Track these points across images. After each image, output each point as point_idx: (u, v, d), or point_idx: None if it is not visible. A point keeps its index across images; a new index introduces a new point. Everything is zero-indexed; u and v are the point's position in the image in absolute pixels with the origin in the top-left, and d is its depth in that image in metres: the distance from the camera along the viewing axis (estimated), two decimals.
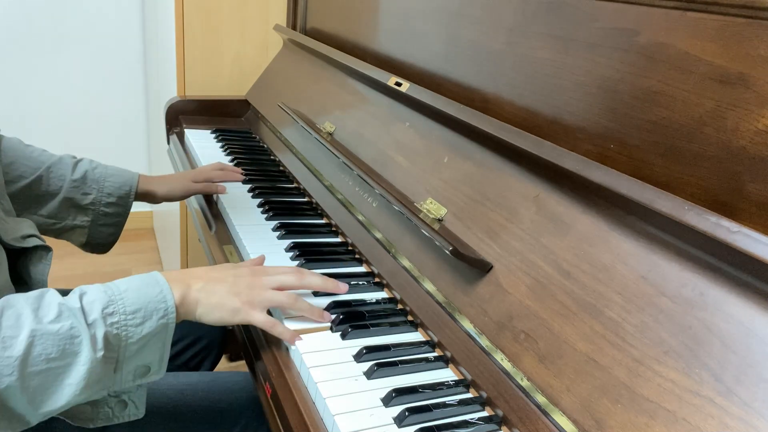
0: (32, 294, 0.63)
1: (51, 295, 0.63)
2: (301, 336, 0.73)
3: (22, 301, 0.61)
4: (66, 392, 0.61)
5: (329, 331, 0.75)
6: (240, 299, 0.72)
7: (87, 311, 0.62)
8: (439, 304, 0.78)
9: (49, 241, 0.84)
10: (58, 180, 1.04)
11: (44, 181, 1.03)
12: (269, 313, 0.75)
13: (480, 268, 0.74)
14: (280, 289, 0.76)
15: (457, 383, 0.69)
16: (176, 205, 1.84)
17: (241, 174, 1.22)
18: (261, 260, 0.85)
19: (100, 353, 0.61)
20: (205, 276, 0.73)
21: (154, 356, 0.67)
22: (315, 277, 0.79)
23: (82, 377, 0.61)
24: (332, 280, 0.81)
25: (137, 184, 1.11)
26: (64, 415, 0.68)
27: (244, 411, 0.90)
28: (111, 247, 1.12)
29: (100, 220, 1.08)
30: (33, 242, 0.77)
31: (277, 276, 0.77)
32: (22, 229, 0.78)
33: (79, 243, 1.08)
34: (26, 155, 1.03)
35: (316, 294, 0.82)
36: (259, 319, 0.72)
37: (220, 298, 0.72)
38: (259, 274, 0.76)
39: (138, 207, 1.15)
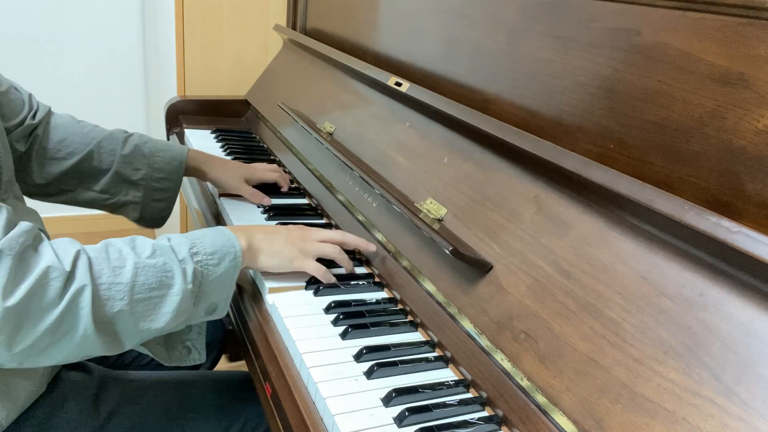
0: (125, 238, 0.71)
1: (142, 238, 0.72)
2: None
3: (119, 241, 0.70)
4: (162, 319, 0.69)
5: (330, 328, 0.75)
6: (296, 248, 0.83)
7: (177, 250, 0.71)
8: (439, 304, 0.78)
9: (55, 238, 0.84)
10: (109, 155, 1.05)
11: (95, 156, 1.04)
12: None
13: (480, 268, 0.74)
14: (325, 241, 0.86)
15: (457, 383, 0.69)
16: (176, 205, 1.83)
17: (290, 193, 1.20)
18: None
19: (189, 286, 0.70)
20: (264, 229, 0.84)
21: (222, 295, 0.76)
22: (352, 236, 0.91)
23: (176, 306, 0.69)
24: (362, 239, 0.92)
25: (186, 160, 1.11)
26: (149, 349, 0.77)
27: (244, 410, 0.90)
28: (164, 221, 1.13)
29: (152, 195, 1.08)
30: None
31: (323, 231, 0.89)
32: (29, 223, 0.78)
33: (133, 218, 1.10)
34: (77, 131, 1.04)
35: (316, 294, 0.83)
36: (312, 266, 0.83)
37: (279, 246, 0.82)
38: (307, 229, 0.87)
39: None
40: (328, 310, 0.79)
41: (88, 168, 1.04)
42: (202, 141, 1.46)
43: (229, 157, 1.35)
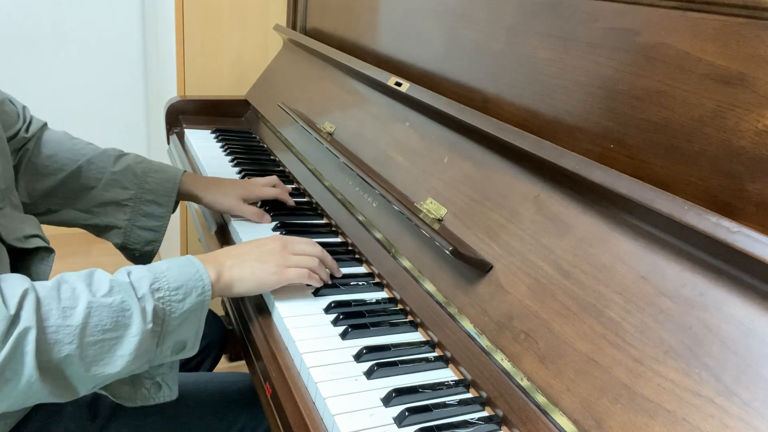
0: (82, 272, 0.66)
1: (100, 273, 0.67)
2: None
3: (74, 277, 0.65)
4: (118, 363, 0.64)
5: (330, 328, 0.75)
6: (271, 264, 0.78)
7: (136, 286, 0.66)
8: (439, 304, 0.78)
9: (53, 241, 0.84)
10: (98, 172, 1.00)
11: (84, 173, 0.99)
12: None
13: (480, 268, 0.74)
14: (301, 254, 0.82)
15: (457, 383, 0.69)
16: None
17: (290, 193, 1.13)
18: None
19: (149, 325, 0.65)
20: (230, 253, 0.78)
21: (190, 332, 0.71)
22: (328, 257, 0.86)
23: (134, 348, 0.64)
24: (335, 264, 0.88)
25: (180, 183, 1.05)
26: (108, 392, 0.71)
27: (244, 411, 0.90)
28: (150, 258, 1.06)
29: (138, 221, 1.02)
30: (35, 243, 0.77)
31: (299, 244, 0.83)
32: (25, 229, 0.77)
33: (116, 244, 1.04)
34: (68, 147, 1.00)
35: (316, 294, 0.83)
36: (292, 275, 0.79)
37: (252, 267, 0.77)
38: (279, 240, 0.82)
39: None
40: (328, 310, 0.79)
41: (75, 185, 0.99)
42: (202, 141, 1.46)
43: (228, 158, 1.35)
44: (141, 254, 1.05)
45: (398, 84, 1.04)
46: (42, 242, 0.78)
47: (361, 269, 0.93)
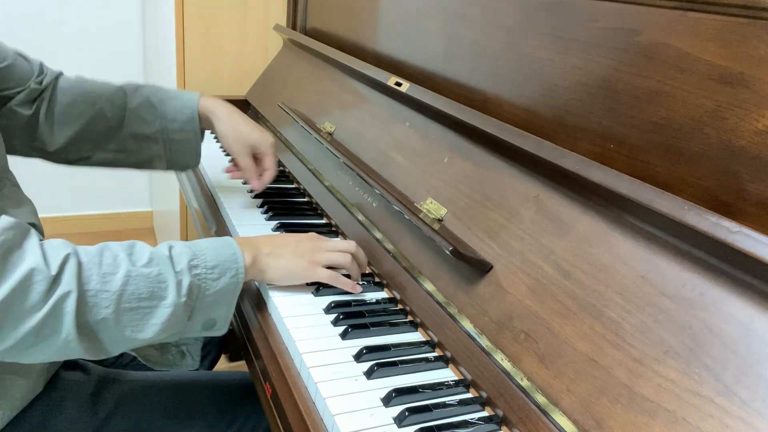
0: (125, 243, 0.69)
1: (142, 244, 0.70)
2: (359, 285, 0.84)
3: (117, 246, 0.68)
4: (150, 330, 0.67)
5: (330, 328, 0.75)
6: (305, 260, 0.81)
7: (175, 261, 0.69)
8: (439, 304, 0.78)
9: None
10: (119, 111, 1.00)
11: (105, 114, 1.00)
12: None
13: (480, 268, 0.74)
14: (334, 250, 0.84)
15: (457, 383, 0.69)
16: (176, 205, 1.84)
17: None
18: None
19: (183, 299, 0.68)
20: (270, 242, 0.81)
21: (221, 311, 0.73)
22: (362, 253, 0.88)
23: (166, 318, 0.67)
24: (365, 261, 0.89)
25: (198, 109, 1.04)
26: (137, 353, 0.75)
27: (243, 410, 0.90)
28: (196, 164, 1.09)
29: (173, 146, 1.04)
30: None
31: (334, 241, 0.86)
32: (23, 216, 0.77)
33: (162, 168, 1.06)
34: (84, 91, 1.00)
35: (316, 293, 0.83)
36: (323, 274, 0.81)
37: (287, 261, 0.80)
38: (316, 240, 0.85)
39: (138, 206, 1.13)
40: (328, 310, 0.79)
41: (100, 128, 1.00)
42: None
43: (228, 158, 1.35)
44: (186, 165, 1.08)
45: (398, 84, 1.04)
46: (36, 233, 0.78)
47: None
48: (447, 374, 0.71)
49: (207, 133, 1.51)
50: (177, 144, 1.04)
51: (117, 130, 1.01)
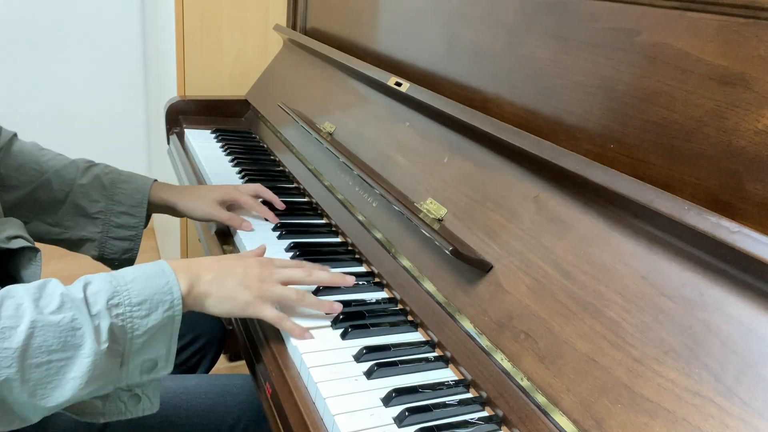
0: (34, 284, 0.61)
1: (53, 286, 0.61)
2: (311, 333, 0.73)
3: (22, 291, 0.59)
4: (69, 386, 0.59)
5: (330, 329, 0.75)
6: (251, 293, 0.72)
7: (91, 302, 0.61)
8: (439, 304, 0.78)
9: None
10: (66, 185, 0.97)
11: (52, 185, 0.96)
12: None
13: (480, 268, 0.74)
14: (288, 283, 0.76)
15: (457, 383, 0.69)
16: None
17: (279, 206, 1.07)
18: (262, 251, 0.85)
19: (105, 345, 0.60)
20: (214, 267, 0.72)
21: (160, 350, 0.66)
22: (323, 273, 0.80)
23: (87, 370, 0.59)
24: (338, 273, 0.81)
25: (150, 192, 1.00)
26: (71, 411, 0.66)
27: (244, 413, 0.90)
28: (131, 262, 1.02)
29: (111, 233, 0.98)
30: (18, 243, 0.74)
31: (286, 270, 0.77)
32: (6, 230, 0.75)
33: (93, 256, 1.00)
34: (36, 159, 0.97)
35: (316, 294, 0.82)
36: (269, 313, 0.72)
37: (230, 290, 0.71)
38: (268, 267, 0.75)
39: None
40: None
41: (43, 198, 0.95)
42: (202, 141, 1.46)
43: (228, 158, 1.35)
44: (120, 262, 1.02)
45: (398, 84, 1.04)
46: (26, 242, 0.75)
47: (361, 269, 0.93)
48: (447, 374, 0.71)
49: (208, 132, 1.52)
50: (117, 228, 0.99)
51: (60, 204, 0.96)
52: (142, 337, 0.63)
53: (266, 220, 1.04)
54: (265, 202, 1.08)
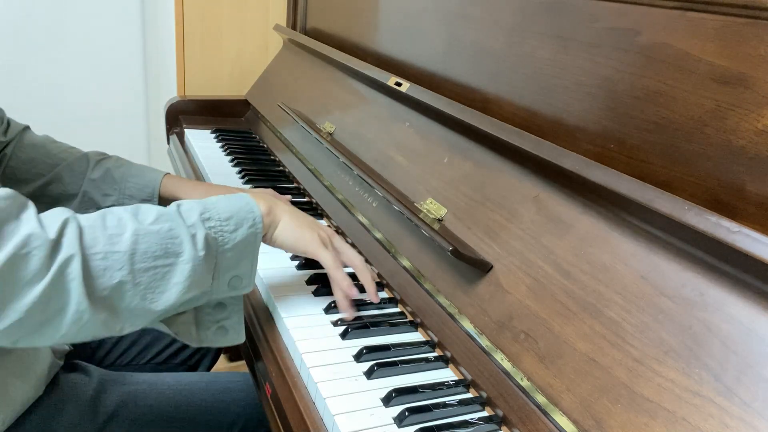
0: (128, 206, 0.65)
1: (147, 205, 0.66)
2: (355, 287, 0.78)
3: (120, 209, 0.64)
4: (174, 290, 0.63)
5: (330, 329, 0.75)
6: (319, 235, 0.78)
7: (185, 216, 0.65)
8: (439, 304, 0.78)
9: None
10: (78, 179, 0.97)
11: (64, 179, 0.96)
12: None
13: (480, 268, 0.74)
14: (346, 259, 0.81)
15: (457, 383, 0.69)
16: None
17: (290, 193, 1.08)
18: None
19: (202, 252, 0.64)
20: (288, 205, 0.79)
21: (245, 266, 0.70)
22: (369, 274, 0.82)
23: (187, 275, 0.63)
24: (374, 286, 0.81)
25: (160, 186, 1.00)
26: (173, 330, 0.70)
27: (244, 412, 0.90)
28: None
29: None
30: None
31: (349, 249, 0.83)
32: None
33: None
34: (48, 152, 0.97)
35: (316, 294, 0.82)
36: (328, 255, 0.78)
37: (302, 224, 0.77)
38: (331, 229, 0.82)
39: None
40: (328, 310, 0.79)
41: (56, 191, 0.96)
42: (202, 141, 1.46)
43: (228, 158, 1.35)
44: None
45: (398, 84, 1.04)
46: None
47: None
48: (447, 374, 0.71)
49: (208, 132, 1.52)
50: None
51: (72, 198, 0.97)
52: (232, 251, 0.68)
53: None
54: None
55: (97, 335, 0.61)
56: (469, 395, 0.68)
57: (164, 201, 1.02)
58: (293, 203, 1.12)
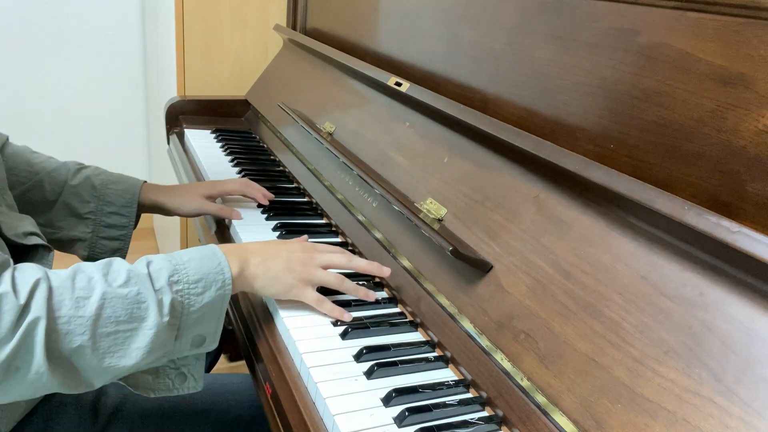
0: (100, 262, 0.66)
1: (119, 263, 0.66)
2: (350, 313, 0.78)
3: (91, 267, 0.64)
4: (134, 355, 0.63)
5: (330, 329, 0.75)
6: (294, 276, 0.77)
7: (154, 278, 0.65)
8: (439, 304, 0.78)
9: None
10: (57, 186, 0.98)
11: (44, 187, 0.98)
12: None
13: (480, 268, 0.74)
14: (329, 267, 0.80)
15: (457, 383, 0.69)
16: None
17: (264, 195, 1.10)
18: (305, 239, 0.89)
19: (166, 318, 0.64)
20: (261, 251, 0.77)
21: (210, 326, 0.70)
22: (361, 261, 0.83)
23: (149, 341, 0.63)
24: (375, 263, 0.84)
25: (140, 193, 1.03)
26: (127, 383, 0.71)
27: (244, 412, 0.90)
28: (125, 254, 1.04)
29: (101, 232, 1.00)
30: (34, 240, 0.76)
31: (327, 255, 0.81)
32: (24, 226, 0.77)
33: (83, 257, 1.02)
34: (28, 161, 0.98)
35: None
36: (310, 296, 0.77)
37: (276, 273, 0.76)
38: (310, 251, 0.80)
39: None
40: None
41: (35, 199, 0.97)
42: (202, 141, 1.46)
43: (228, 158, 1.35)
44: (109, 255, 1.03)
45: (398, 84, 1.04)
46: (40, 240, 0.77)
47: None
48: (447, 374, 0.71)
49: (208, 132, 1.52)
50: (108, 228, 1.01)
51: (51, 205, 0.98)
52: (197, 313, 0.68)
53: (258, 205, 1.09)
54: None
55: (53, 392, 0.62)
56: (469, 395, 0.68)
57: (143, 206, 1.04)
58: (293, 203, 1.13)
